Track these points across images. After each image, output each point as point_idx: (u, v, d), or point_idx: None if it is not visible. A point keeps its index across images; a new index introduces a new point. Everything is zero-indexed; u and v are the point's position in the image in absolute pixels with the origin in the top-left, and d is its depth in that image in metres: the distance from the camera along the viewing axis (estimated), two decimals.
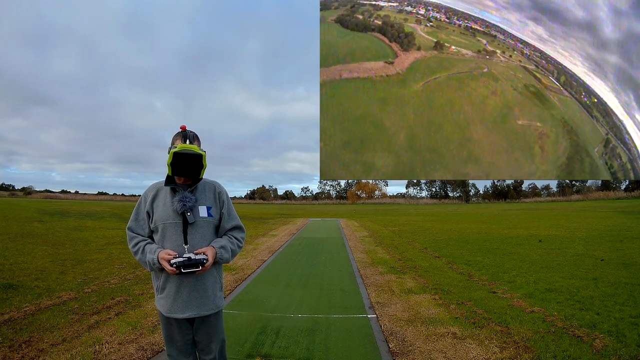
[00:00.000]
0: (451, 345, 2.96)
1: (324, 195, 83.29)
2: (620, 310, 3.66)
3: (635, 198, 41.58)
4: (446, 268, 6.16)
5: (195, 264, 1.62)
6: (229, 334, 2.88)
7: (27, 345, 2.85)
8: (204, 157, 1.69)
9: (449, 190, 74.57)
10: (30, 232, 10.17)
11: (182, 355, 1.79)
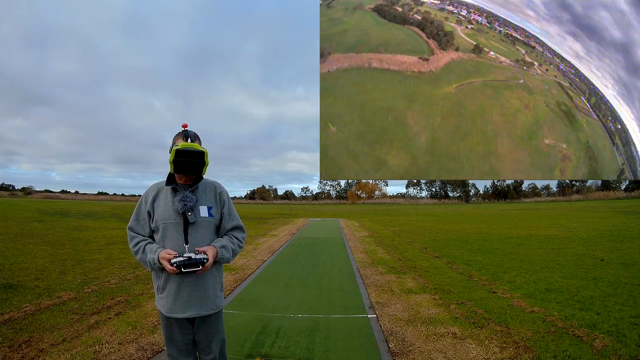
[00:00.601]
0: (451, 345, 2.96)
1: (324, 195, 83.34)
2: (620, 310, 3.66)
3: (635, 198, 41.61)
4: (446, 268, 6.16)
5: (196, 263, 1.62)
6: (229, 334, 2.88)
7: (27, 345, 2.85)
8: (206, 155, 1.70)
9: (449, 190, 74.62)
10: (30, 232, 10.16)
11: (183, 355, 1.79)
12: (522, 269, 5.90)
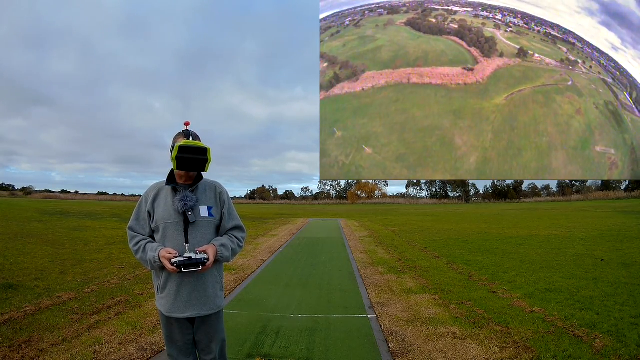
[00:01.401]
0: (451, 345, 2.96)
1: (324, 195, 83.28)
2: (620, 310, 3.66)
3: (635, 198, 41.59)
4: (446, 268, 6.16)
5: (196, 263, 1.62)
6: (229, 334, 2.88)
7: (27, 345, 2.85)
8: (209, 151, 1.70)
9: (449, 190, 74.59)
10: (30, 232, 10.16)
11: (183, 355, 1.79)
12: (522, 269, 5.90)
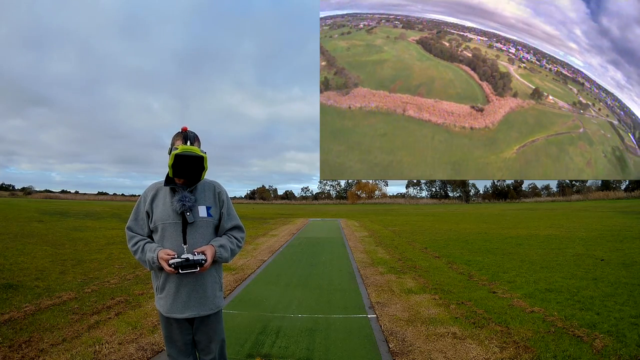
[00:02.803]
0: (451, 345, 2.96)
1: (324, 195, 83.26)
2: (620, 310, 3.66)
3: (635, 198, 41.56)
4: (446, 268, 6.16)
5: (194, 264, 1.62)
6: (229, 334, 2.88)
7: (27, 345, 2.85)
8: (206, 160, 1.69)
9: (449, 190, 74.56)
10: (30, 232, 10.16)
11: (182, 356, 1.79)
12: (522, 269, 5.90)
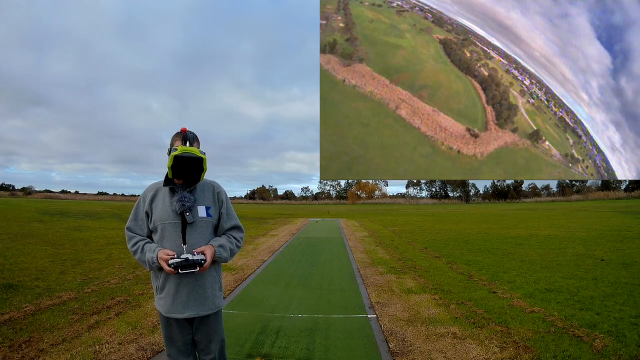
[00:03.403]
0: (451, 345, 2.96)
1: (324, 195, 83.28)
2: (620, 310, 3.66)
3: (635, 198, 41.57)
4: (446, 268, 6.16)
5: (193, 264, 1.62)
6: (228, 334, 2.88)
7: (27, 345, 2.85)
8: (205, 161, 1.69)
9: (449, 190, 74.55)
10: (30, 232, 10.16)
11: (182, 356, 1.79)
12: (522, 269, 5.90)
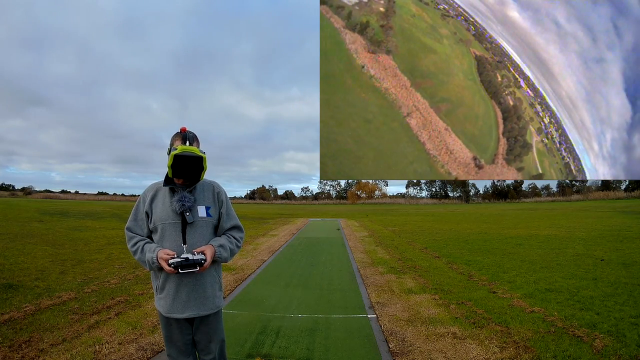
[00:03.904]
0: (451, 345, 2.96)
1: (324, 195, 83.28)
2: (620, 310, 3.66)
3: (635, 198, 41.57)
4: (446, 268, 6.16)
5: (193, 264, 1.62)
6: (228, 334, 2.88)
7: (27, 345, 2.85)
8: (205, 160, 1.69)
9: (449, 190, 74.54)
10: (30, 232, 10.16)
11: (182, 355, 1.79)
12: (522, 269, 5.90)
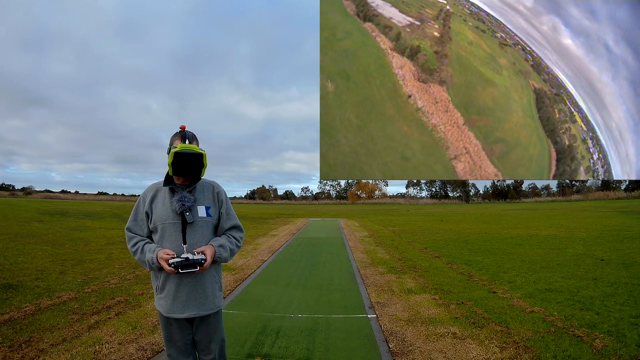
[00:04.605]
0: (451, 345, 2.96)
1: (324, 195, 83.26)
2: (620, 310, 3.66)
3: (635, 198, 41.57)
4: (446, 268, 6.16)
5: (194, 264, 1.62)
6: (228, 334, 2.88)
7: (27, 345, 2.85)
8: (205, 157, 1.70)
9: (449, 190, 74.54)
10: (30, 232, 10.16)
11: (182, 355, 1.79)
12: (522, 269, 5.90)
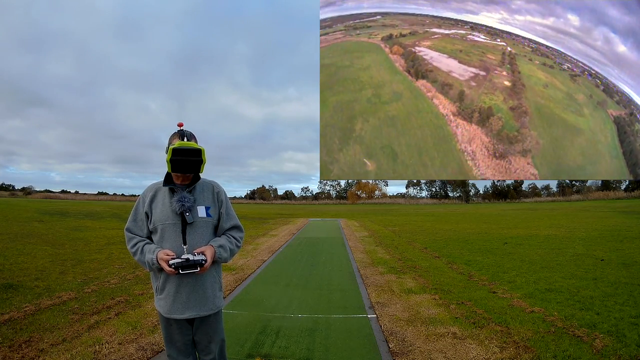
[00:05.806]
0: (451, 345, 2.96)
1: (324, 195, 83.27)
2: (620, 310, 3.66)
3: (635, 198, 41.58)
4: (446, 268, 6.16)
5: (194, 264, 1.62)
6: (228, 334, 2.88)
7: (27, 345, 2.84)
8: (204, 152, 1.69)
9: (449, 190, 74.54)
10: (30, 232, 10.16)
11: (182, 356, 1.79)
12: (522, 269, 5.90)
